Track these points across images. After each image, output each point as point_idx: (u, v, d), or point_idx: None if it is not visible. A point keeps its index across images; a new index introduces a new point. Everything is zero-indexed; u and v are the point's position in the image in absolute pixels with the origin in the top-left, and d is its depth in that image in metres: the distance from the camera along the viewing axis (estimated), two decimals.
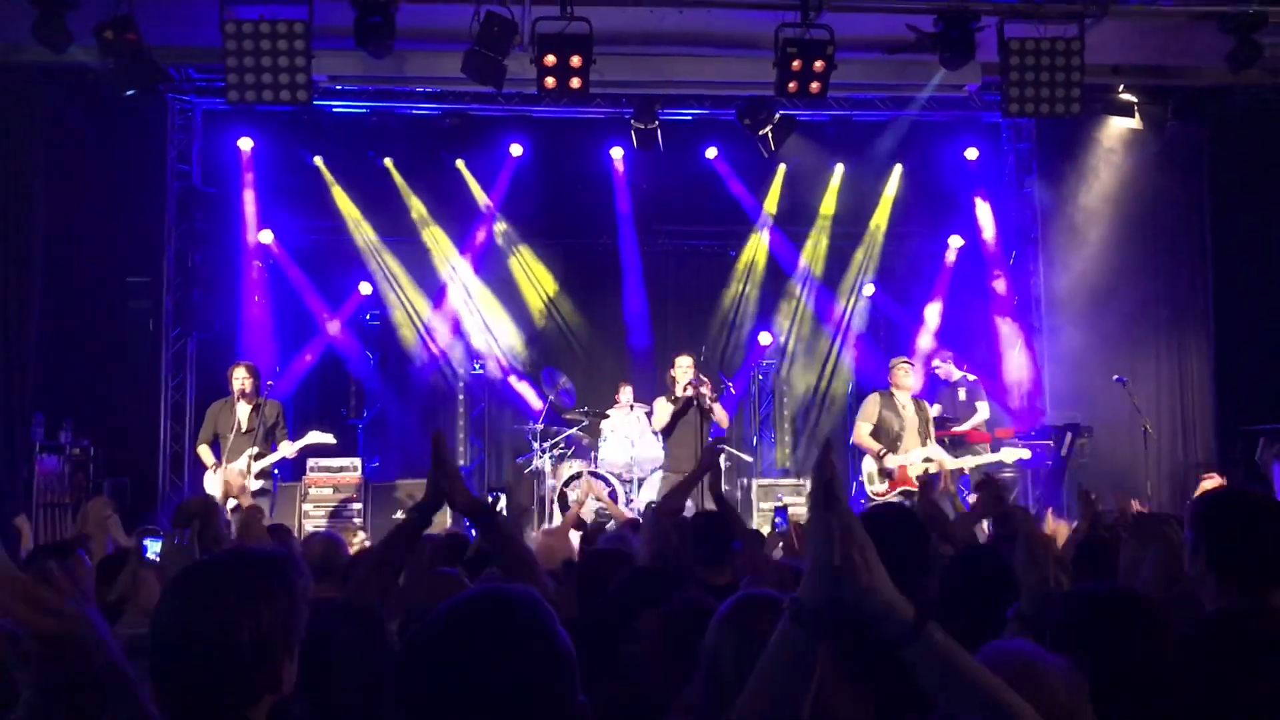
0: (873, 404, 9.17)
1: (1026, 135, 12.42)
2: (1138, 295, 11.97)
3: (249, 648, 1.92)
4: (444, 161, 12.40)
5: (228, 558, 2.12)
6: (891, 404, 9.12)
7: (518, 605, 1.60)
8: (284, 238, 12.26)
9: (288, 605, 1.98)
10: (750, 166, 12.49)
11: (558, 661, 1.58)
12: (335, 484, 10.61)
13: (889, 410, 9.08)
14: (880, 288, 13.12)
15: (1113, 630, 2.15)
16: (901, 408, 9.09)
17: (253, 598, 1.94)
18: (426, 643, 1.58)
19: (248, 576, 1.99)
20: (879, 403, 9.12)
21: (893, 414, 9.07)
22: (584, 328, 13.12)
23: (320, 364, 12.45)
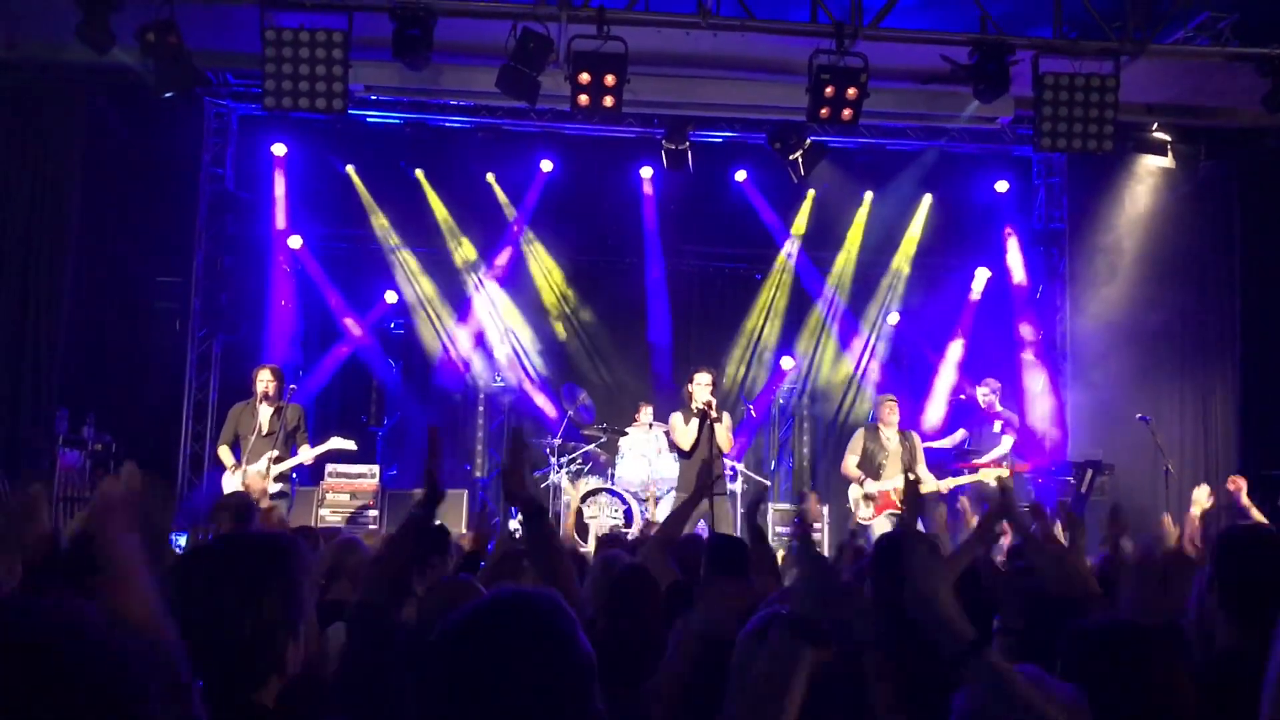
0: (858, 438, 9.86)
1: (1058, 170, 12.41)
2: (1164, 335, 11.91)
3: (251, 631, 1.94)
4: (475, 174, 12.49)
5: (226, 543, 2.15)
6: (876, 437, 9.72)
7: (537, 610, 1.61)
8: (313, 244, 12.36)
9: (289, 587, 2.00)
10: (779, 191, 12.51)
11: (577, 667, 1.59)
12: (353, 490, 10.66)
13: (873, 443, 9.70)
14: (905, 317, 13.09)
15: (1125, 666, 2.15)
16: (886, 440, 9.70)
17: (253, 581, 1.97)
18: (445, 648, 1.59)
19: (247, 561, 2.02)
20: (864, 436, 9.80)
21: (877, 446, 9.67)
22: (606, 345, 13.15)
23: (343, 370, 12.52)
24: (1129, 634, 2.22)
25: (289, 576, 2.02)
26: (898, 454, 9.60)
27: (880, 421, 9.82)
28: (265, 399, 9.10)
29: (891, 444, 9.67)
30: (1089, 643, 2.20)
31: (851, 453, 9.75)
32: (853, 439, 9.94)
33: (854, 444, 9.81)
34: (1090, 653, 2.18)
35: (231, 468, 8.98)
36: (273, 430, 9.01)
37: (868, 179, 12.74)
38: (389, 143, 12.01)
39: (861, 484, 9.57)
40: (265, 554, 2.05)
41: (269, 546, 2.08)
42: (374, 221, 12.53)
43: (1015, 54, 8.88)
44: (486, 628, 1.59)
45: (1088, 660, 2.16)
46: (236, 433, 9.18)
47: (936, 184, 12.68)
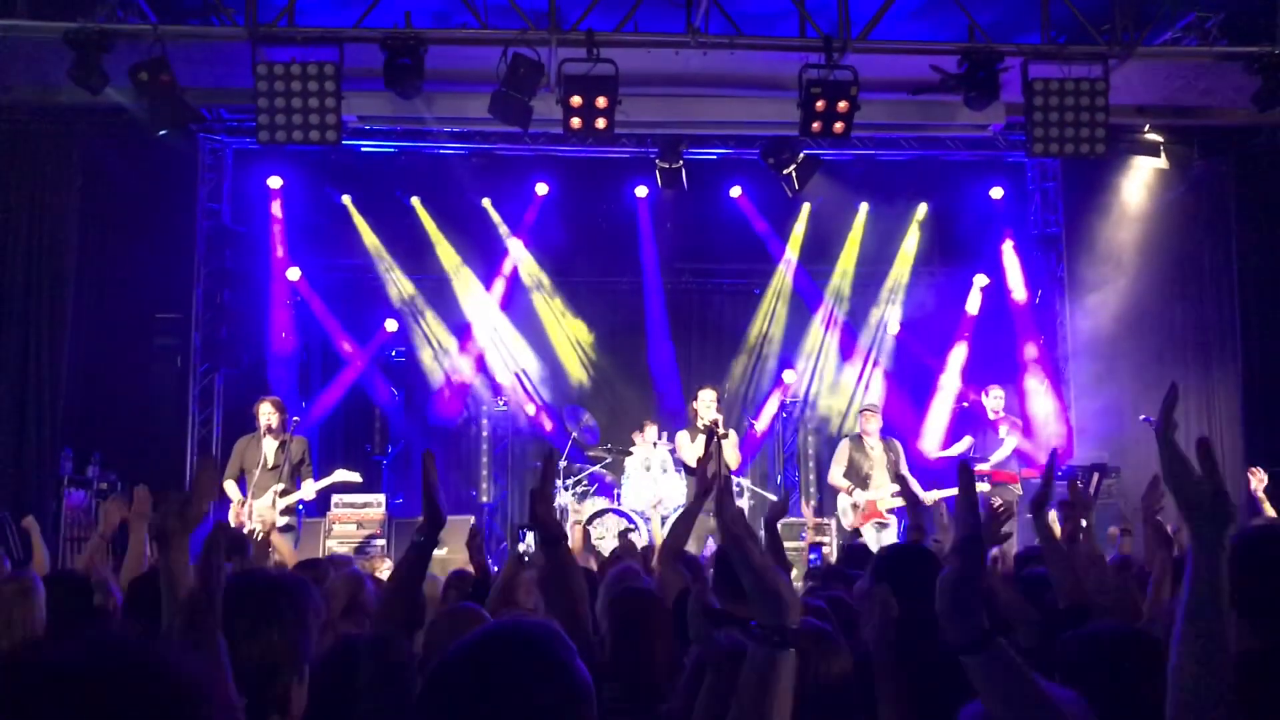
0: (843, 449, 10.21)
1: (1052, 175, 12.45)
2: (1164, 335, 11.90)
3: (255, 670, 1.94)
4: (470, 200, 12.53)
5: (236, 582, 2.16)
6: (861, 447, 10.07)
7: (534, 640, 1.61)
8: (311, 275, 12.39)
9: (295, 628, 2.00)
10: (774, 205, 12.55)
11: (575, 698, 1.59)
12: (359, 520, 10.64)
13: (858, 453, 10.04)
14: (905, 326, 13.10)
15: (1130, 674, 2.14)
16: (870, 449, 10.05)
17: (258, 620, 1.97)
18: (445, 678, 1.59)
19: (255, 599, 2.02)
20: (849, 448, 10.14)
21: (862, 456, 10.01)
22: (607, 365, 13.17)
23: (346, 399, 12.54)
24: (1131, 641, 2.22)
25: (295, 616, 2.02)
26: (883, 462, 9.93)
27: (864, 432, 10.14)
28: (269, 432, 9.09)
29: (876, 453, 10.01)
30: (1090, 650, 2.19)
31: (837, 464, 10.15)
32: (838, 450, 10.34)
33: (839, 455, 10.20)
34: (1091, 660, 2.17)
35: (237, 502, 8.98)
36: (278, 463, 9.00)
37: (862, 190, 12.77)
38: (384, 172, 12.06)
39: (850, 494, 9.92)
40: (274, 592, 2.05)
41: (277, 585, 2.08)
42: (372, 251, 12.57)
43: (1004, 61, 8.91)
44: (483, 658, 1.59)
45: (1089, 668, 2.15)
46: (242, 467, 9.17)
47: (931, 193, 12.72)
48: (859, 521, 9.84)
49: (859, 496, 9.85)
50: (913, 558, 3.24)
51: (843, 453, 10.17)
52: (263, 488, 8.89)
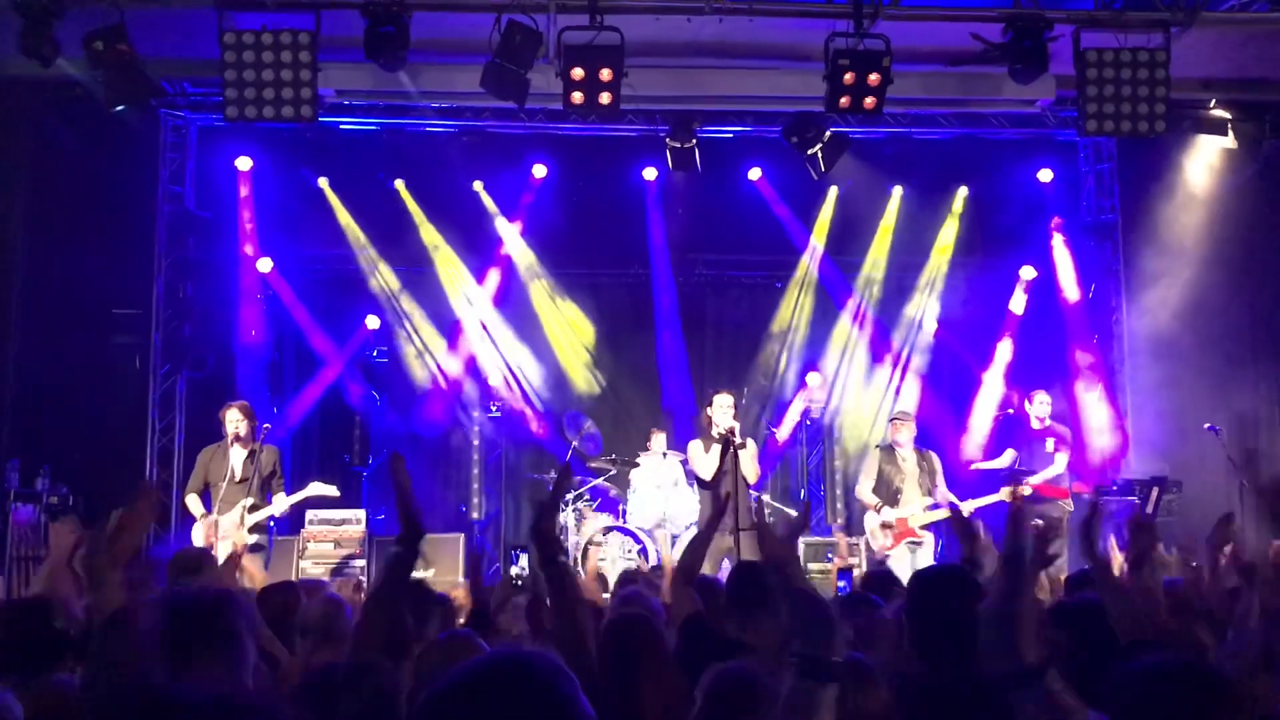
0: (872, 461, 10.19)
1: (1107, 156, 12.42)
2: (1231, 333, 11.86)
3: None
4: (460, 184, 12.53)
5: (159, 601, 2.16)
6: (892, 459, 10.00)
7: (535, 671, 1.62)
8: (284, 267, 12.40)
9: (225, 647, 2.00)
10: (798, 189, 12.53)
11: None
12: (337, 538, 10.64)
13: (889, 465, 9.98)
14: (942, 324, 13.07)
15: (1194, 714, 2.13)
16: (902, 461, 9.99)
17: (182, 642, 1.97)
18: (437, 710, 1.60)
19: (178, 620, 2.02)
20: (879, 459, 10.10)
21: (893, 468, 9.95)
22: (612, 367, 13.17)
23: (322, 405, 12.55)
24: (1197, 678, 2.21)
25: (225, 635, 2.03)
26: (915, 476, 9.87)
27: (894, 442, 10.07)
28: (237, 441, 9.11)
29: (908, 465, 9.94)
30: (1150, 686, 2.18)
31: (866, 477, 10.10)
32: (866, 462, 10.33)
33: (868, 468, 10.17)
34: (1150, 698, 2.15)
35: (202, 518, 9.00)
36: (246, 475, 9.02)
37: (896, 173, 12.75)
38: (365, 152, 12.06)
39: (878, 511, 9.85)
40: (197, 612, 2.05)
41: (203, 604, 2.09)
42: (351, 239, 12.58)
43: (1053, 29, 8.89)
44: (480, 690, 1.60)
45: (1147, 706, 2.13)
46: (206, 479, 9.19)
47: (973, 176, 12.69)
48: (891, 543, 9.77)
49: (889, 514, 9.80)
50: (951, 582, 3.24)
51: (871, 465, 10.14)
52: (229, 502, 8.91)
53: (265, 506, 9.05)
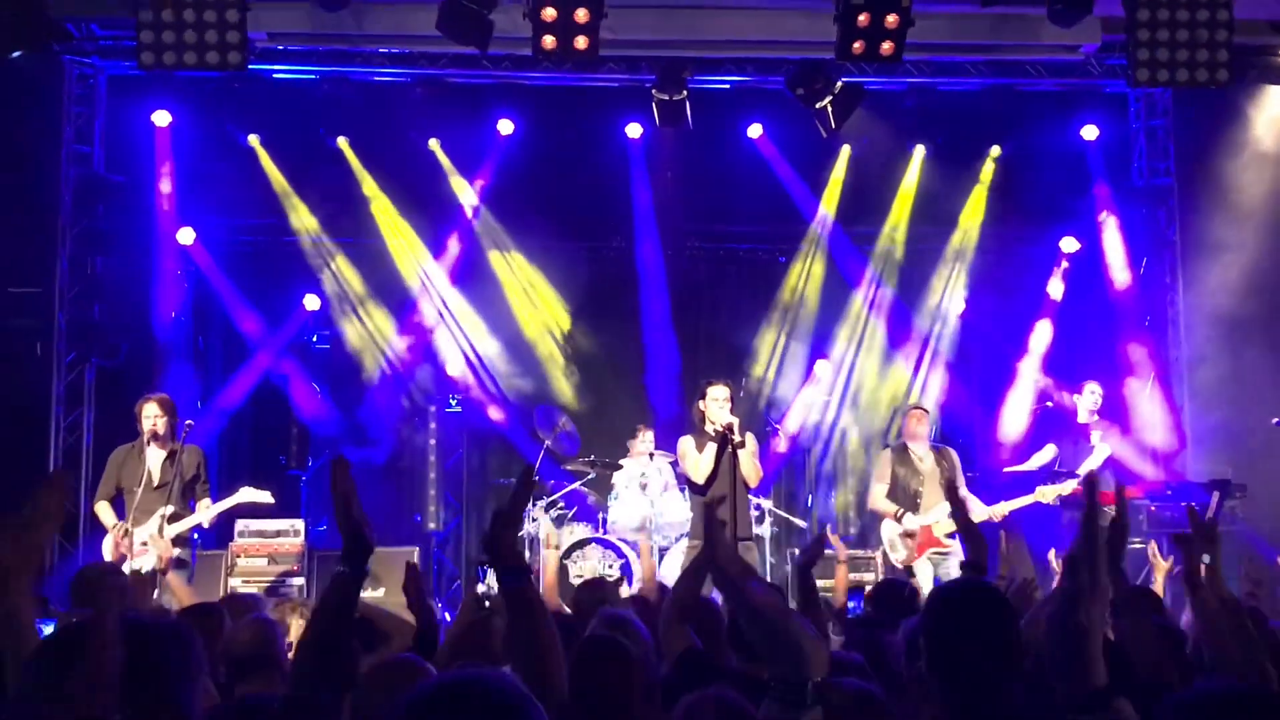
0: (884, 462, 10.06)
1: (1161, 110, 12.42)
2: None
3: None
4: (414, 142, 12.51)
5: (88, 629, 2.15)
6: (906, 459, 9.92)
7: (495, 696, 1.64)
8: (209, 238, 12.35)
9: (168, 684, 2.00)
10: (805, 149, 12.52)
11: None
12: (271, 552, 10.61)
13: (904, 466, 9.88)
14: (972, 304, 13.10)
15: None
16: (918, 461, 9.90)
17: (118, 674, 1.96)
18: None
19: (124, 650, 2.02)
20: (891, 460, 9.99)
21: (908, 470, 9.85)
22: (592, 354, 13.16)
23: (254, 399, 12.52)
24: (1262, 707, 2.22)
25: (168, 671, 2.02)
26: (935, 476, 9.78)
27: (908, 438, 10.02)
28: (154, 440, 9.07)
29: (925, 465, 9.86)
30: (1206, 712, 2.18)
31: (879, 480, 9.99)
32: (878, 464, 10.21)
33: (880, 469, 10.07)
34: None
35: (114, 529, 8.96)
36: (165, 480, 8.98)
37: (918, 130, 12.76)
38: (302, 105, 12.01)
39: (898, 519, 9.74)
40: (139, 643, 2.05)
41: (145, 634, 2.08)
42: (287, 207, 12.54)
43: None
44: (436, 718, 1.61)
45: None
46: (119, 484, 9.15)
47: (1007, 133, 12.69)
48: (913, 555, 9.72)
49: (911, 522, 9.71)
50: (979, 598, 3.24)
51: (884, 467, 10.04)
52: (146, 511, 8.87)
53: (188, 516, 9.01)
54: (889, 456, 10.07)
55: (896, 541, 9.81)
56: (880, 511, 9.93)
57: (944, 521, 9.55)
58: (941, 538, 9.62)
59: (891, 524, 9.80)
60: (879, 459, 10.26)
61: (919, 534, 9.70)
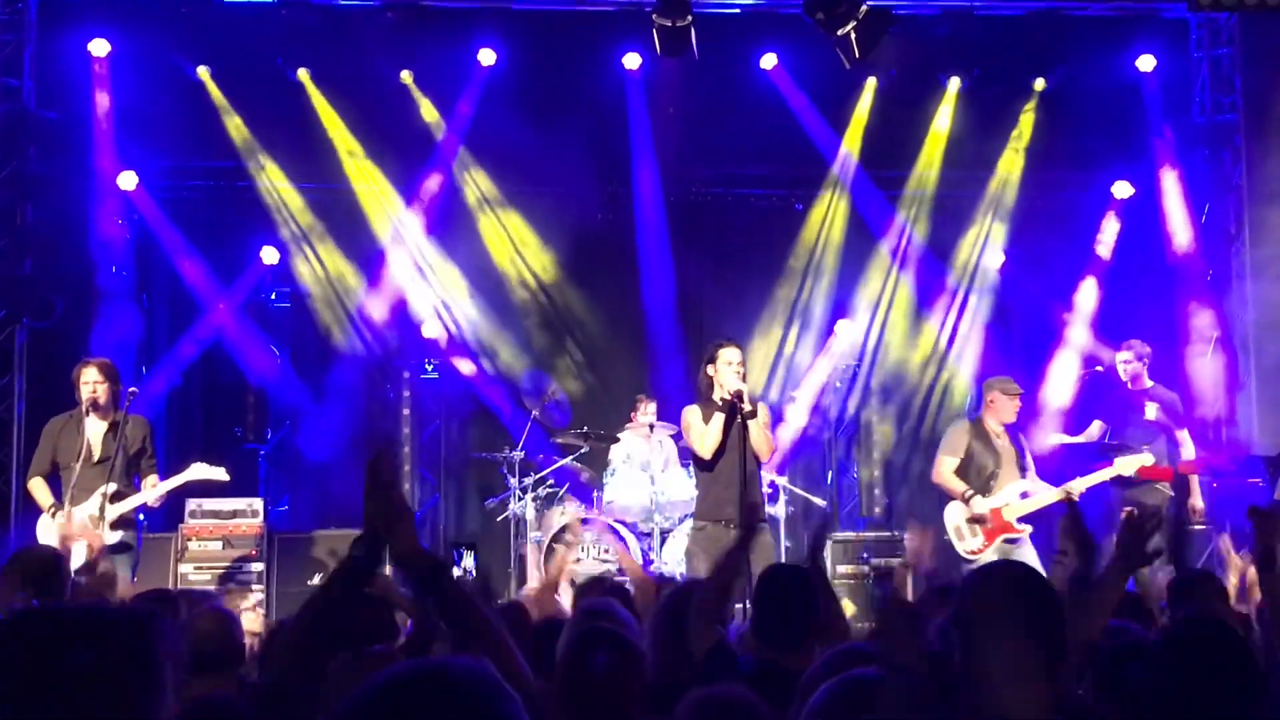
0: (959, 435, 9.90)
1: (1226, 38, 12.36)
2: None
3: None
4: (384, 74, 12.43)
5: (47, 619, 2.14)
6: (985, 436, 9.79)
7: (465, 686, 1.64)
8: (154, 183, 12.33)
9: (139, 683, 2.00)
10: (825, 82, 12.47)
11: None
12: (226, 535, 10.62)
13: (981, 443, 9.76)
14: (1012, 257, 13.09)
15: None
16: (996, 437, 9.79)
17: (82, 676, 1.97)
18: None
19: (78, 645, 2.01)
20: (968, 433, 9.84)
21: (985, 447, 9.74)
22: (585, 313, 13.15)
23: (205, 363, 12.51)
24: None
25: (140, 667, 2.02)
26: (1012, 459, 9.71)
27: (990, 414, 9.87)
28: (94, 409, 9.04)
29: (1003, 444, 9.76)
30: None
31: (950, 453, 9.82)
32: (950, 435, 10.01)
33: (953, 442, 9.88)
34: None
35: (49, 510, 8.95)
36: (107, 455, 8.96)
37: (952, 61, 12.72)
38: (258, 33, 11.96)
39: (968, 501, 9.61)
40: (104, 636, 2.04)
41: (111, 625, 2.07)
42: (241, 147, 12.49)
43: None
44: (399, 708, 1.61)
45: None
46: (55, 459, 9.14)
47: (1052, 64, 12.65)
48: (981, 543, 9.59)
49: (980, 505, 9.56)
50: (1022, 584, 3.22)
51: (958, 440, 9.86)
52: (86, 489, 8.85)
53: (132, 494, 9.00)
54: (967, 429, 9.92)
55: (963, 528, 9.68)
56: (947, 488, 9.78)
57: (1015, 503, 9.50)
58: (1013, 521, 9.51)
59: (958, 508, 9.69)
60: (954, 429, 10.07)
61: (990, 519, 9.57)
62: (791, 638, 4.51)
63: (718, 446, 8.73)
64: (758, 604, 4.65)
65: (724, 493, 8.64)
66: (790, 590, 4.64)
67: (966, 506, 9.61)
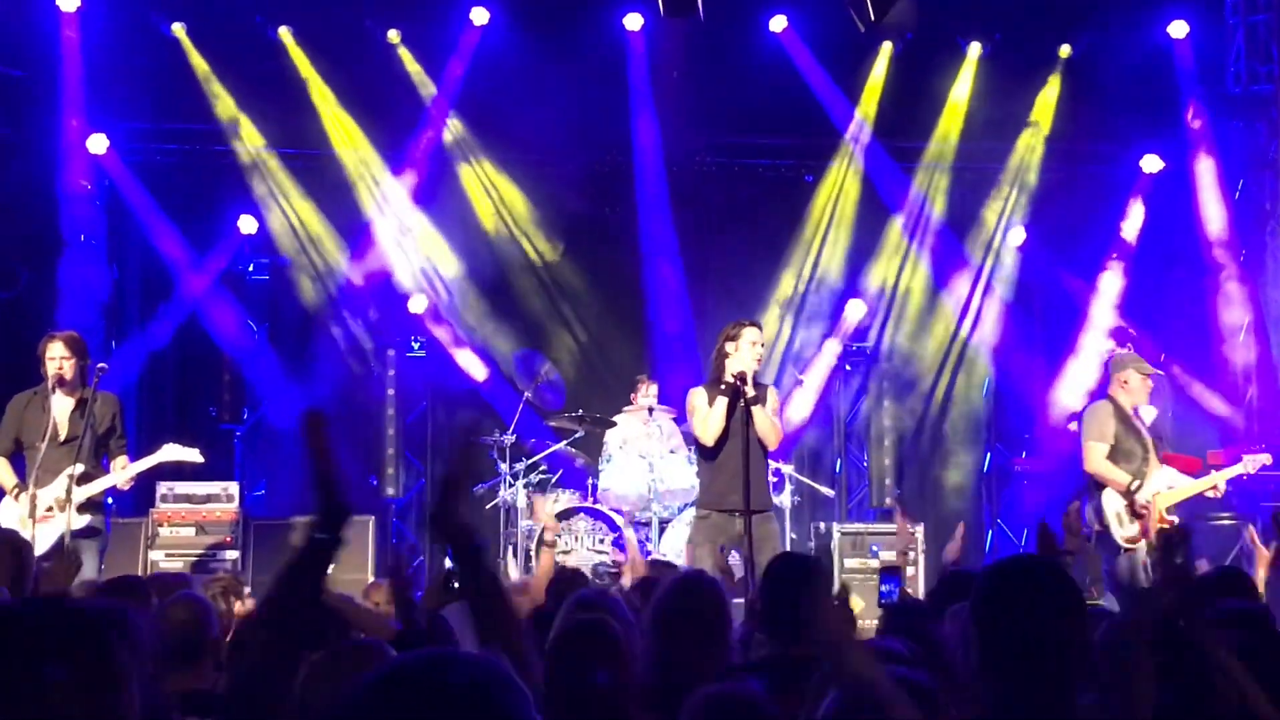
0: (1106, 417, 9.58)
1: (1265, 3, 12.35)
2: None
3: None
4: (370, 33, 12.42)
5: None
6: (1128, 419, 9.56)
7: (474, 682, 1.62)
8: (125, 147, 12.30)
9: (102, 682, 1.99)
10: (838, 47, 12.49)
11: None
12: (200, 520, 10.62)
13: (1127, 428, 9.52)
14: (1034, 234, 13.08)
15: None
16: (1142, 425, 9.59)
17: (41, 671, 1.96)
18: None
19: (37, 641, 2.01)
20: (1114, 417, 9.55)
21: (1131, 434, 9.51)
22: (582, 289, 13.14)
23: (179, 339, 12.48)
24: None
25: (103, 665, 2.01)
26: (1151, 445, 9.56)
27: (1124, 395, 9.63)
28: (61, 386, 9.01)
29: (1142, 429, 9.61)
30: None
31: (1101, 439, 9.57)
32: (1096, 418, 9.70)
33: (1100, 426, 9.62)
34: None
35: (12, 491, 8.94)
36: (74, 434, 8.94)
37: (972, 25, 12.71)
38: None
39: (1133, 493, 9.42)
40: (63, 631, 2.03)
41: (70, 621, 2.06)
42: (218, 111, 12.46)
43: None
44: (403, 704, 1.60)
45: None
46: (18, 438, 9.12)
47: (1078, 30, 12.64)
48: (1138, 531, 9.42)
49: (1144, 495, 9.37)
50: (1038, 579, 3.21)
51: (1105, 424, 9.59)
52: (51, 470, 8.82)
53: (100, 476, 8.97)
54: (1110, 412, 9.61)
55: (1124, 514, 9.46)
56: (1108, 479, 9.50)
57: (1167, 495, 9.41)
58: (1164, 512, 9.38)
59: (1114, 494, 9.49)
60: (1099, 412, 9.72)
61: (1148, 509, 9.40)
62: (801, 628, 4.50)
63: (720, 432, 8.68)
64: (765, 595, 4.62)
65: (727, 481, 8.60)
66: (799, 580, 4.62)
67: (1129, 497, 9.43)
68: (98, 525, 9.00)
